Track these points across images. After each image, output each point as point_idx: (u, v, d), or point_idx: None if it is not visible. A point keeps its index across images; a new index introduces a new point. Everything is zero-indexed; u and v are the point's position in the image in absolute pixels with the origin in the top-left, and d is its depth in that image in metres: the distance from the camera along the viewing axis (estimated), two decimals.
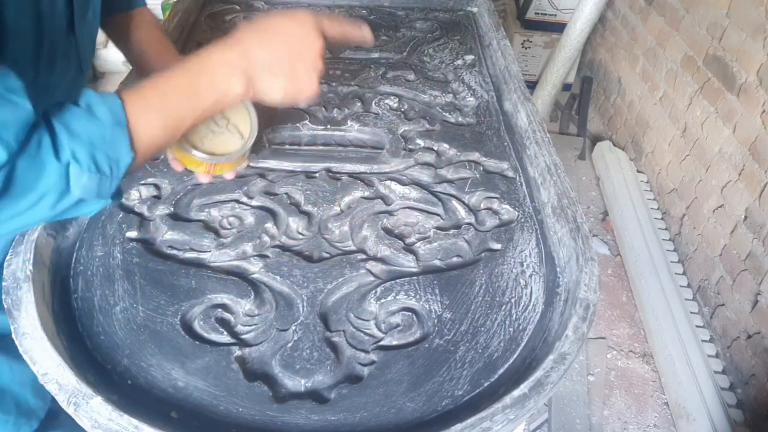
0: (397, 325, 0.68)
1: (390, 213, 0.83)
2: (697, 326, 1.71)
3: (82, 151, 0.47)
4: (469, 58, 1.23)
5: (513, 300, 0.72)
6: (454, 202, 0.85)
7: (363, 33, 0.71)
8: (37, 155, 0.45)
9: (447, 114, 1.05)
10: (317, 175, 0.89)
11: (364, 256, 0.76)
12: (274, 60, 0.60)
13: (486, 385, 0.63)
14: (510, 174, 0.92)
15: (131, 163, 0.51)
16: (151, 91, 0.54)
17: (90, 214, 0.53)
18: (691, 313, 1.74)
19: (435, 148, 0.96)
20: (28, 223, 0.49)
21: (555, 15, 2.68)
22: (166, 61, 0.84)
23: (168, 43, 0.89)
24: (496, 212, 0.85)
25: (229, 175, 0.81)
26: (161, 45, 0.88)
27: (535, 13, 2.69)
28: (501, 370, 0.64)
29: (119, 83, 0.94)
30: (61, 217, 0.51)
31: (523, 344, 0.67)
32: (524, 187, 0.90)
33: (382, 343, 0.66)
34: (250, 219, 0.80)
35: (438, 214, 0.84)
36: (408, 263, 0.76)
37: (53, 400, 0.79)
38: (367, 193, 0.86)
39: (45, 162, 0.46)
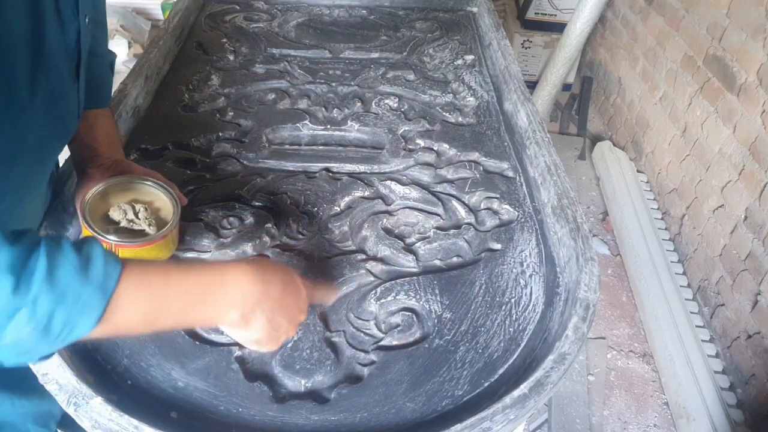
0: (397, 325, 0.68)
1: (390, 213, 0.83)
2: (697, 326, 1.71)
3: (45, 302, 0.41)
4: (469, 58, 1.23)
5: (513, 300, 0.72)
6: (454, 202, 0.85)
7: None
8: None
9: (447, 114, 1.05)
10: (317, 175, 0.89)
11: (364, 256, 0.76)
12: (270, 312, 0.55)
13: (486, 385, 0.63)
14: (510, 174, 0.92)
15: (85, 335, 0.44)
16: (155, 277, 0.49)
17: (4, 363, 0.44)
18: (691, 313, 1.74)
19: (435, 148, 0.96)
20: None
21: (555, 15, 2.68)
22: (114, 160, 0.76)
23: (118, 146, 0.80)
24: (496, 212, 0.85)
25: None
26: (112, 146, 0.78)
27: (535, 13, 2.69)
28: (501, 370, 0.64)
29: (119, 83, 0.95)
30: None
31: (523, 344, 0.67)
32: (524, 187, 0.90)
33: (382, 343, 0.66)
34: (250, 219, 0.80)
35: (438, 214, 0.84)
36: (408, 263, 0.76)
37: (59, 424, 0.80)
38: (367, 193, 0.86)
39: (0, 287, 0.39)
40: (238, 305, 0.53)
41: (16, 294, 0.39)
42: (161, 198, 0.71)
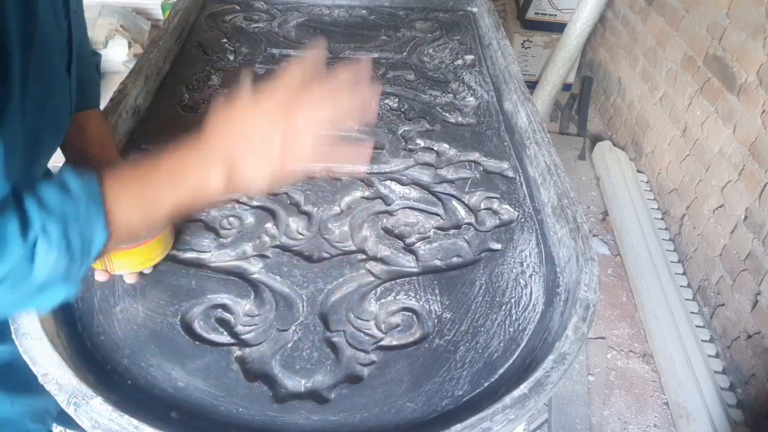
0: (397, 325, 0.68)
1: (390, 213, 0.83)
2: (697, 326, 1.71)
3: (54, 226, 0.43)
4: (469, 58, 1.23)
5: (513, 300, 0.72)
6: (454, 202, 0.85)
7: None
8: None
9: (447, 114, 1.05)
10: (317, 175, 0.89)
11: (364, 256, 0.76)
12: (257, 142, 0.53)
13: (486, 385, 0.63)
14: (510, 174, 0.92)
15: (104, 243, 0.48)
16: (130, 173, 0.52)
17: (48, 306, 0.48)
18: (691, 313, 1.74)
19: (435, 148, 0.96)
20: None
21: (555, 15, 2.68)
22: (108, 161, 0.76)
23: (112, 147, 0.79)
24: (496, 212, 0.85)
25: (129, 278, 0.69)
26: (104, 147, 0.78)
27: (535, 13, 2.69)
28: (501, 370, 0.64)
29: (119, 83, 0.95)
30: (18, 308, 0.47)
31: (523, 344, 0.67)
32: (524, 187, 0.90)
33: (382, 343, 0.66)
34: (250, 219, 0.80)
35: (438, 214, 0.84)
36: (408, 263, 0.76)
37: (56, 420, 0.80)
38: (367, 193, 0.86)
39: (7, 238, 0.41)
40: (214, 161, 0.53)
41: (25, 232, 0.42)
42: None
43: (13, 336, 0.59)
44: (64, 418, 0.60)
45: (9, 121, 0.47)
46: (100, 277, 0.67)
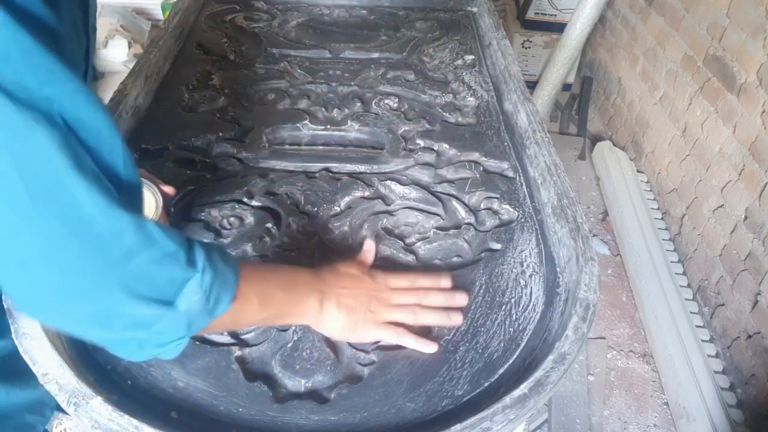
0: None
1: (390, 213, 0.83)
2: (697, 326, 1.71)
3: (209, 273, 0.48)
4: (469, 58, 1.23)
5: (513, 300, 0.72)
6: (454, 202, 0.85)
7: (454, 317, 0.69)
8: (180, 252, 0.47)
9: (447, 114, 1.05)
10: (317, 175, 0.89)
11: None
12: (347, 296, 0.64)
13: (486, 385, 0.63)
14: (510, 174, 0.92)
15: (226, 311, 0.51)
16: (257, 267, 0.64)
17: (162, 354, 0.50)
18: (691, 313, 1.74)
19: (435, 148, 0.96)
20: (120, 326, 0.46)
21: (555, 15, 2.68)
22: None
23: None
24: (496, 212, 0.85)
25: None
26: None
27: (535, 13, 2.69)
28: (501, 370, 0.64)
29: (119, 83, 0.95)
30: (140, 350, 0.48)
31: (523, 344, 0.67)
32: (524, 187, 0.90)
33: (382, 343, 0.66)
34: (250, 219, 0.80)
35: (438, 214, 0.84)
36: (408, 263, 0.76)
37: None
38: (367, 193, 0.86)
39: (175, 260, 0.46)
40: (316, 294, 0.62)
41: (189, 265, 0.47)
42: (148, 197, 0.70)
43: (13, 336, 0.59)
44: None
45: None
46: None
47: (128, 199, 0.46)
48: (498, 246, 0.79)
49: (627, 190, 2.15)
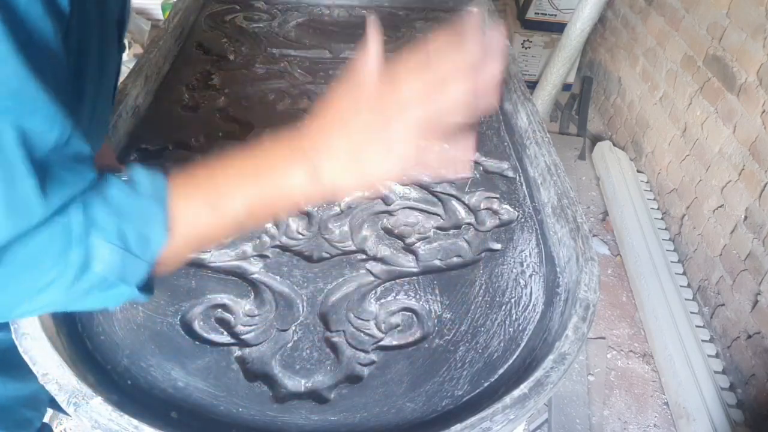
0: (397, 325, 0.68)
1: (390, 213, 0.83)
2: (697, 326, 1.71)
3: (108, 220, 0.42)
4: None
5: (513, 300, 0.72)
6: (454, 202, 0.85)
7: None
8: (61, 221, 0.40)
9: None
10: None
11: (364, 256, 0.76)
12: (350, 144, 0.47)
13: (486, 385, 0.63)
14: (510, 174, 0.92)
15: (163, 244, 0.45)
16: (202, 172, 0.48)
17: (113, 304, 0.46)
18: (691, 313, 1.74)
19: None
20: (37, 307, 0.43)
21: (555, 15, 2.68)
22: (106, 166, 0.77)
23: (107, 154, 0.80)
24: (496, 212, 0.85)
25: None
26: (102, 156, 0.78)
27: (535, 13, 2.69)
28: (501, 370, 0.64)
29: (119, 83, 0.95)
30: (80, 305, 0.45)
31: (523, 344, 0.67)
32: (524, 187, 0.90)
33: (382, 343, 0.66)
34: None
35: (438, 214, 0.84)
36: (408, 263, 0.76)
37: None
38: (367, 193, 0.86)
39: (70, 228, 0.40)
40: (299, 157, 0.48)
41: (86, 228, 0.41)
42: None
43: (13, 336, 0.59)
44: (56, 403, 0.60)
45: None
46: None
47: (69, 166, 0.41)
48: (498, 246, 0.79)
49: (627, 190, 2.15)
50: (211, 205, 0.47)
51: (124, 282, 0.44)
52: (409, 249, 0.78)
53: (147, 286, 0.47)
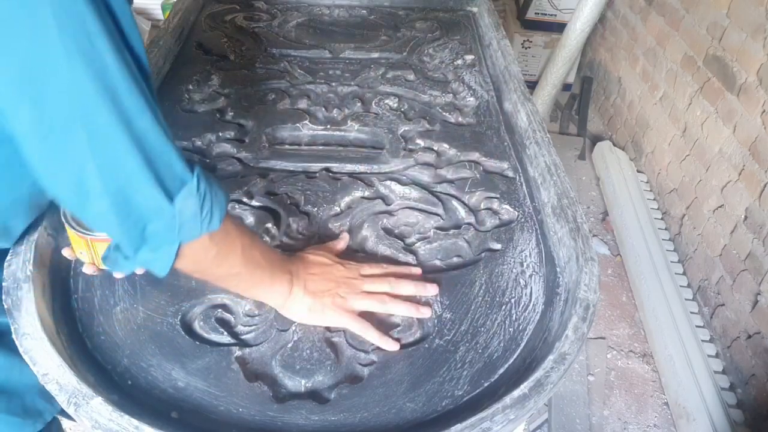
0: (397, 325, 0.68)
1: (390, 213, 0.83)
2: (697, 326, 1.71)
3: (203, 182, 0.52)
4: (469, 58, 1.23)
5: (513, 300, 0.72)
6: (454, 202, 0.85)
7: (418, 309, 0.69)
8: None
9: (447, 114, 1.05)
10: (317, 175, 0.89)
11: (364, 256, 0.76)
12: (316, 282, 0.67)
13: (486, 385, 0.63)
14: (510, 174, 0.92)
15: (214, 230, 0.54)
16: (243, 228, 0.62)
17: (154, 261, 0.53)
18: (691, 313, 1.74)
19: (435, 148, 0.96)
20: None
21: (555, 15, 2.68)
22: None
23: None
24: (496, 212, 0.85)
25: (87, 269, 0.65)
26: None
27: (535, 13, 2.69)
28: (501, 370, 0.64)
29: None
30: (134, 252, 0.52)
31: (523, 344, 0.67)
32: (524, 187, 0.90)
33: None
34: (250, 219, 0.80)
35: (438, 214, 0.83)
36: (408, 263, 0.76)
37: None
38: (367, 193, 0.86)
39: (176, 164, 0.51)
40: (288, 276, 0.65)
41: (187, 169, 0.51)
42: None
43: (13, 336, 0.59)
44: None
45: None
46: (87, 269, 0.66)
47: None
48: (498, 246, 0.79)
49: (627, 190, 2.15)
50: (242, 244, 0.59)
51: (180, 233, 0.51)
52: (409, 249, 0.78)
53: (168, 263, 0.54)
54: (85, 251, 0.61)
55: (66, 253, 0.67)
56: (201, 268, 0.59)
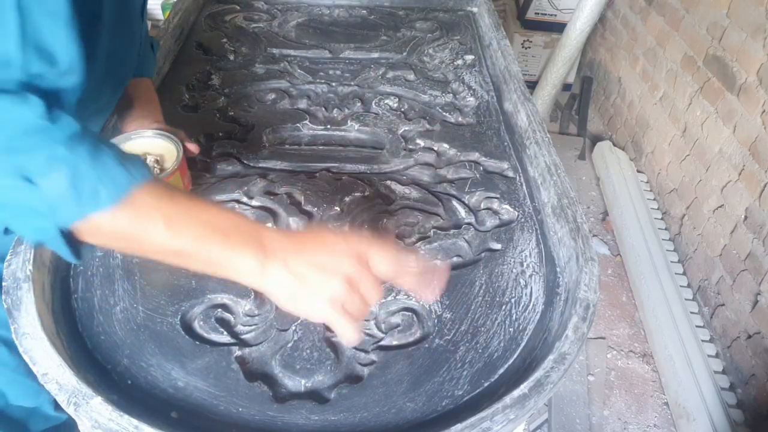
0: (397, 325, 0.68)
1: (390, 213, 0.83)
2: (697, 326, 1.71)
3: (83, 154, 0.46)
4: (469, 58, 1.23)
5: (513, 300, 0.72)
6: (454, 202, 0.85)
7: (428, 294, 0.58)
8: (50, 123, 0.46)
9: (447, 114, 1.05)
10: (317, 175, 0.89)
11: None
12: (302, 263, 0.51)
13: (486, 385, 0.63)
14: (510, 174, 0.92)
15: (104, 210, 0.47)
16: (180, 193, 0.52)
17: (31, 234, 0.49)
18: (691, 313, 1.74)
19: (435, 148, 0.96)
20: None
21: (555, 15, 2.68)
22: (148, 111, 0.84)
23: (154, 110, 0.86)
24: (496, 212, 0.85)
25: None
26: (146, 107, 0.85)
27: (535, 13, 2.69)
28: (501, 370, 0.64)
29: None
30: (17, 224, 0.49)
31: (523, 344, 0.67)
32: (524, 187, 0.90)
33: (382, 343, 0.66)
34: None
35: (438, 214, 0.84)
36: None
37: None
38: (367, 193, 0.86)
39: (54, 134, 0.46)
40: (255, 250, 0.50)
41: (61, 141, 0.46)
42: (170, 149, 0.76)
43: (13, 336, 0.59)
44: None
45: (91, 70, 0.51)
46: None
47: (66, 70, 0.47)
48: (498, 246, 0.79)
49: (627, 190, 2.15)
50: (165, 216, 0.49)
51: (54, 215, 0.46)
52: (409, 249, 0.78)
53: (74, 246, 0.49)
54: None
55: None
56: (123, 246, 0.52)
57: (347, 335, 0.52)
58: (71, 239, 0.49)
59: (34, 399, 0.82)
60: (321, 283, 0.50)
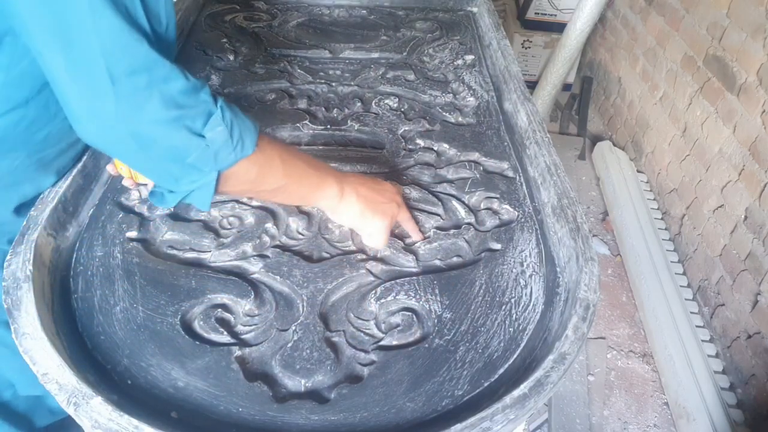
0: (397, 325, 0.68)
1: None
2: (697, 326, 1.71)
3: (228, 111, 0.56)
4: (469, 58, 1.23)
5: (513, 300, 0.72)
6: (454, 202, 0.85)
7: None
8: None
9: (447, 114, 1.05)
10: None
11: (364, 256, 0.76)
12: (367, 197, 0.73)
13: (486, 385, 0.63)
14: (510, 174, 0.92)
15: (247, 154, 0.58)
16: (280, 144, 0.67)
17: (195, 196, 0.58)
18: (691, 313, 1.74)
19: (435, 148, 0.96)
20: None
21: (555, 15, 2.68)
22: None
23: None
24: (496, 212, 0.85)
25: (127, 182, 0.78)
26: None
27: (535, 13, 2.69)
28: (501, 370, 0.64)
29: None
30: (176, 185, 0.57)
31: (523, 344, 0.67)
32: (524, 187, 0.90)
33: (382, 343, 0.66)
34: (250, 219, 0.80)
35: (438, 214, 0.84)
36: (408, 263, 0.76)
37: None
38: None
39: (202, 94, 0.55)
40: (337, 179, 0.71)
41: (212, 101, 0.55)
42: None
43: (13, 336, 0.59)
44: None
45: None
46: (126, 183, 0.77)
47: (164, 53, 0.53)
48: (498, 246, 0.79)
49: (627, 190, 2.15)
50: (281, 159, 0.64)
51: (216, 162, 0.56)
52: (409, 249, 0.78)
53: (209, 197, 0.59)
54: (125, 166, 0.70)
55: (109, 168, 0.79)
56: (245, 189, 0.65)
57: (381, 242, 0.75)
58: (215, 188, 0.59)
59: (42, 386, 0.83)
60: (382, 203, 0.74)
